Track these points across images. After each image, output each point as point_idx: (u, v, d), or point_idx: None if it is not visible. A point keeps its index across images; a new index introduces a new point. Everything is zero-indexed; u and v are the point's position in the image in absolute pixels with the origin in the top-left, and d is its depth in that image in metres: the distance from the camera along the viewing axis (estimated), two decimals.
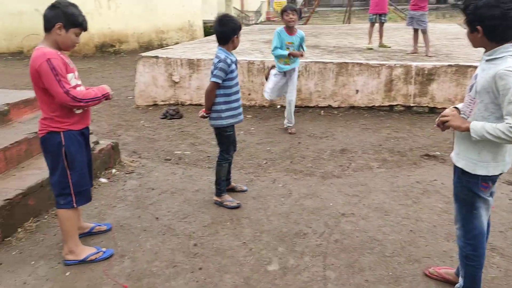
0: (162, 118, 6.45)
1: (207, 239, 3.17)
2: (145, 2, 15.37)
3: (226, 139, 3.62)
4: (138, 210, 3.62)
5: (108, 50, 14.28)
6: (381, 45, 8.48)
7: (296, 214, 3.53)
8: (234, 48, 3.52)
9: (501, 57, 2.04)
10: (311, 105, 6.68)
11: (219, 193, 3.71)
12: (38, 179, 3.42)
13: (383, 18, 8.64)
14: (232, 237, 3.21)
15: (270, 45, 8.89)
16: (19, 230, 3.22)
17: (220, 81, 3.40)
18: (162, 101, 7.15)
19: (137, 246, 3.09)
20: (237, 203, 3.65)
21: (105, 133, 5.72)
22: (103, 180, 4.15)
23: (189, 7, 16.68)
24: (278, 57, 5.36)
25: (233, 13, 24.41)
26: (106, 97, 2.82)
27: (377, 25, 8.66)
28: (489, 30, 2.02)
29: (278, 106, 6.75)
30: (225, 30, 3.42)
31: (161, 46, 15.12)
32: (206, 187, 4.01)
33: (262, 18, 31.26)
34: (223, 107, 3.49)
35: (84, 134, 2.87)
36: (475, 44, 2.16)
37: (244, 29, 13.94)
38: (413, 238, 3.15)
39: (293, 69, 5.48)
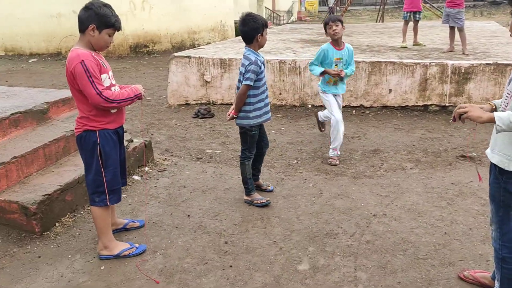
0: (194, 117, 6.53)
1: (238, 237, 3.20)
2: (178, 3, 15.61)
3: (251, 138, 3.63)
4: (170, 208, 3.68)
5: (142, 51, 14.58)
6: (416, 43, 8.31)
7: (327, 214, 3.51)
8: (260, 47, 3.54)
9: None
10: (343, 104, 6.60)
11: (247, 191, 3.74)
12: (75, 176, 3.54)
13: (417, 16, 8.46)
14: (262, 235, 3.22)
15: (302, 44, 8.92)
16: (57, 224, 3.34)
17: (250, 83, 3.42)
18: (194, 100, 7.24)
19: (169, 242, 3.15)
20: (267, 200, 3.67)
21: (139, 131, 5.84)
22: (136, 177, 4.25)
23: (221, 8, 16.84)
24: (327, 78, 4.60)
25: (264, 13, 24.48)
26: (139, 97, 2.84)
27: (411, 23, 8.49)
28: None
29: (309, 106, 6.72)
30: (247, 29, 3.45)
31: (193, 46, 15.33)
32: (237, 186, 4.04)
33: (294, 17, 31.20)
34: (251, 107, 3.52)
35: (119, 133, 2.91)
36: None
37: (275, 28, 13.95)
38: (447, 240, 3.08)
39: (341, 94, 4.87)
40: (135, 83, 3.17)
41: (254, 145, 3.68)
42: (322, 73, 4.53)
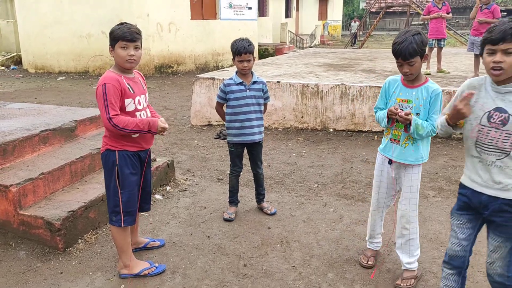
0: (216, 138, 6.60)
1: (257, 260, 3.19)
2: (203, 26, 15.97)
3: (230, 154, 3.90)
4: (190, 228, 3.71)
5: (167, 71, 14.89)
6: (439, 70, 8.27)
7: (347, 240, 3.48)
8: (239, 71, 3.70)
9: None
10: (365, 129, 6.60)
11: (229, 201, 3.99)
12: (99, 193, 3.60)
13: (441, 43, 8.44)
14: (281, 259, 3.21)
15: (324, 69, 8.98)
16: (80, 241, 3.39)
17: (219, 100, 3.76)
18: (216, 121, 7.33)
19: (188, 263, 3.16)
20: (229, 217, 3.83)
21: (161, 151, 5.93)
22: (158, 196, 4.30)
23: (245, 31, 17.11)
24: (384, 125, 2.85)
25: (288, 36, 24.75)
26: (153, 132, 2.78)
27: (435, 50, 8.48)
28: None
29: (331, 130, 6.72)
30: None
31: (216, 67, 15.59)
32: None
33: (317, 41, 31.44)
34: (227, 124, 3.79)
35: (140, 156, 2.90)
36: None
37: (298, 52, 14.08)
38: (471, 272, 2.99)
39: (407, 165, 2.83)
40: (160, 102, 3.25)
41: (234, 161, 3.90)
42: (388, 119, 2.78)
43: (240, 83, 3.68)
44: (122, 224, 2.87)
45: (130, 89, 2.75)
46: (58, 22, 14.73)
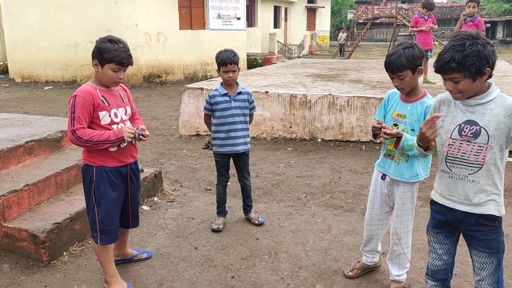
0: (204, 148, 6.57)
1: (245, 272, 3.17)
2: (191, 35, 16.01)
3: (216, 164, 3.92)
4: (177, 239, 3.67)
5: (155, 81, 14.86)
6: (426, 81, 8.37)
7: (336, 251, 3.47)
8: (225, 82, 3.70)
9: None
10: (353, 139, 6.63)
11: (217, 212, 3.98)
12: (85, 205, 3.49)
13: (429, 54, 8.56)
14: (269, 271, 3.19)
15: (312, 79, 9.03)
16: (65, 253, 3.34)
17: (206, 112, 3.79)
18: (205, 131, 7.31)
19: (176, 275, 3.13)
20: (217, 228, 3.82)
21: (149, 161, 5.89)
22: (145, 207, 4.26)
23: (233, 41, 17.18)
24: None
25: (276, 46, 24.90)
26: (121, 140, 2.64)
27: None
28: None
29: (319, 140, 6.75)
30: None
31: (205, 77, 15.60)
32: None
33: (305, 51, 31.67)
34: (213, 135, 3.80)
35: (121, 172, 2.77)
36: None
37: (287, 62, 14.16)
38: (457, 282, 3.02)
39: (400, 182, 2.75)
40: (148, 112, 3.23)
41: (221, 171, 3.91)
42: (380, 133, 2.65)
43: (225, 94, 3.69)
44: (98, 242, 2.77)
45: (105, 102, 2.65)
46: (45, 31, 14.65)
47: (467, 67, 1.91)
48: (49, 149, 4.13)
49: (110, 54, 2.56)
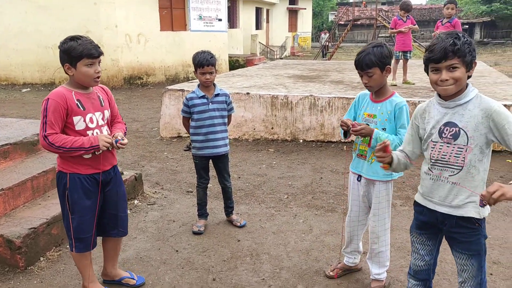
0: (186, 150, 6.45)
1: (226, 274, 3.15)
2: (172, 37, 15.90)
3: (195, 166, 3.92)
4: (158, 242, 3.63)
5: (136, 82, 14.72)
6: (405, 81, 8.48)
7: (317, 251, 3.48)
8: (202, 84, 3.68)
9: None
10: (334, 140, 6.67)
11: (198, 214, 3.96)
12: None
13: (408, 55, 8.66)
14: (251, 272, 3.17)
15: (294, 80, 9.06)
16: (41, 259, 3.27)
17: (184, 114, 3.76)
18: (186, 133, 7.24)
19: (156, 279, 3.09)
20: (198, 230, 3.78)
21: (129, 163, 5.82)
22: None
23: (215, 42, 17.13)
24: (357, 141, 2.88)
25: (258, 47, 24.94)
26: (95, 149, 2.53)
27: (401, 61, 8.69)
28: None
29: (301, 140, 6.77)
30: None
31: (187, 79, 15.52)
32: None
33: (287, 53, 31.78)
34: (192, 138, 3.80)
35: (96, 179, 2.65)
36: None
37: (269, 63, 14.18)
38: (437, 280, 3.05)
39: (375, 181, 2.85)
40: (128, 114, 3.17)
41: (200, 173, 3.89)
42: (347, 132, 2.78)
43: (202, 96, 3.66)
44: (74, 249, 2.69)
45: (80, 106, 2.53)
46: (23, 33, 14.37)
47: (466, 53, 1.95)
48: (25, 152, 4.04)
49: (77, 50, 2.46)
